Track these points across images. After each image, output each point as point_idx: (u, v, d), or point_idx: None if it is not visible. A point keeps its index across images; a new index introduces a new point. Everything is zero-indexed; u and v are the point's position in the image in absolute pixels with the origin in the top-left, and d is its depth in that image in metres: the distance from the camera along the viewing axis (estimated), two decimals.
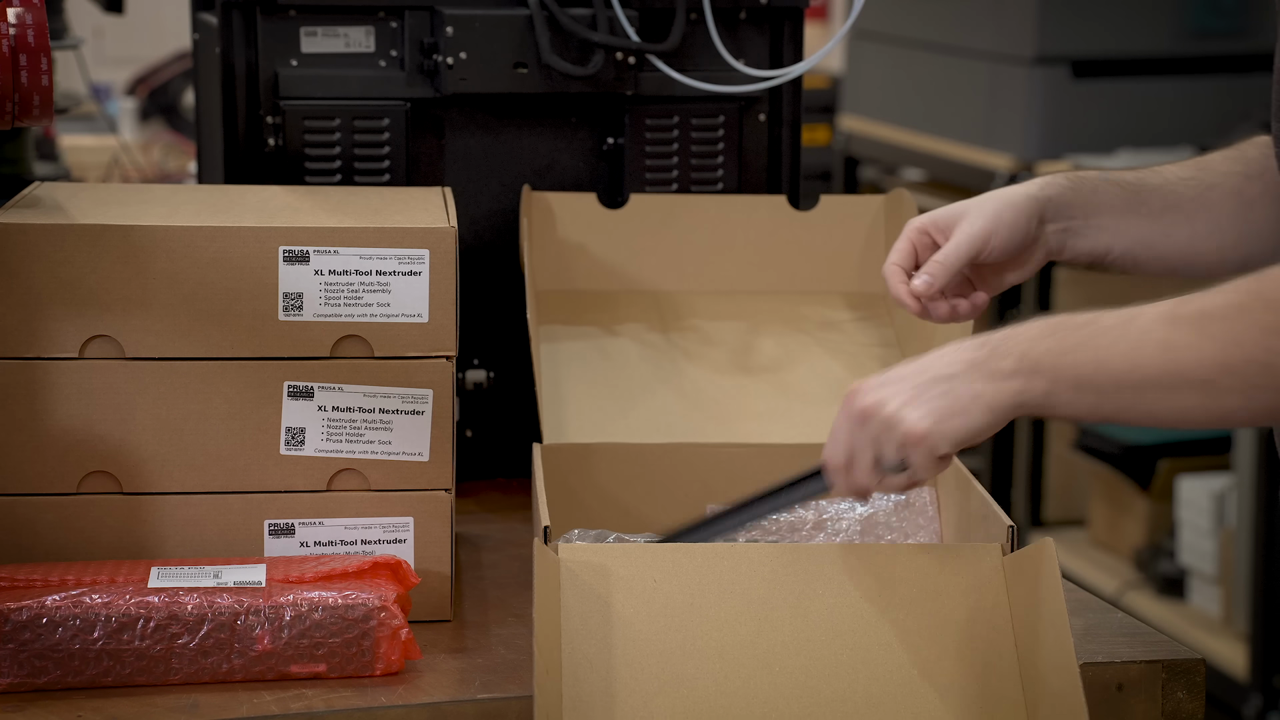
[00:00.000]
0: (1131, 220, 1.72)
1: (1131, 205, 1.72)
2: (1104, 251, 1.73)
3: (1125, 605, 3.81)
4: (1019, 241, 1.69)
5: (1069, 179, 1.72)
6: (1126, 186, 1.73)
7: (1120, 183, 1.73)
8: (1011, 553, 1.57)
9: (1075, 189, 1.71)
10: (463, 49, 2.00)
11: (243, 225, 1.64)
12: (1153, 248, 1.74)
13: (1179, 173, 1.74)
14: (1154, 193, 1.73)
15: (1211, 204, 1.73)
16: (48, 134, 3.42)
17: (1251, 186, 1.73)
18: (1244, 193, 1.73)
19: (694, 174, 2.10)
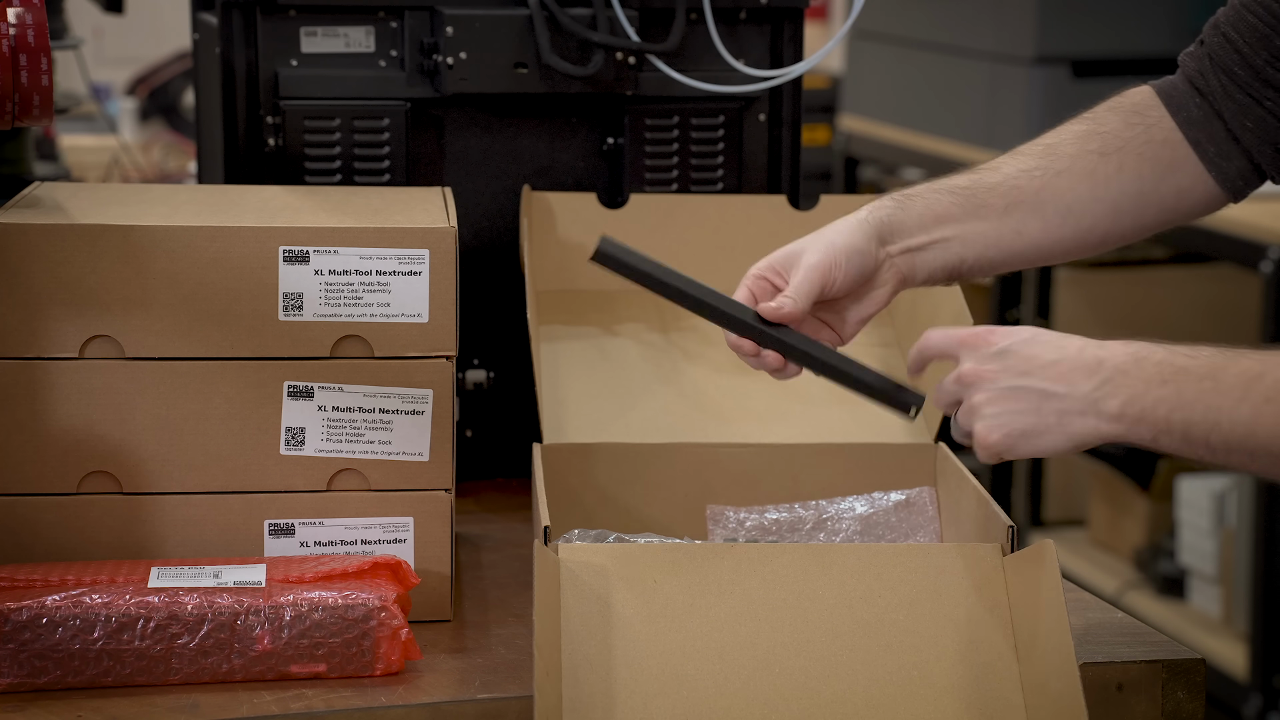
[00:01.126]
0: (976, 225, 1.69)
1: (971, 210, 1.69)
2: (957, 263, 1.69)
3: (1125, 605, 3.81)
4: (861, 266, 1.65)
5: (895, 199, 1.69)
6: (961, 192, 1.70)
7: (954, 190, 1.70)
8: (1011, 553, 1.57)
9: (904, 207, 1.68)
10: (463, 49, 2.00)
11: (243, 225, 1.64)
12: (1006, 248, 1.71)
13: (1020, 164, 1.72)
14: (992, 192, 1.70)
15: (1060, 191, 1.70)
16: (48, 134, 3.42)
17: (1105, 164, 1.70)
18: (1096, 173, 1.70)
19: (694, 174, 2.10)
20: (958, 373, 1.50)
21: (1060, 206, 1.70)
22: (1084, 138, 1.72)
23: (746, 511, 1.82)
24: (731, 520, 1.82)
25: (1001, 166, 1.72)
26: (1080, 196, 1.70)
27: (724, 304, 1.64)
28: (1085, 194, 1.71)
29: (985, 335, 1.50)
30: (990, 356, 1.49)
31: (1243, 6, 1.69)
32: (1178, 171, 1.71)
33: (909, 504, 1.81)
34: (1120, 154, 1.71)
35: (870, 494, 1.83)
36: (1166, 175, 1.71)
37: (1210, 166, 1.70)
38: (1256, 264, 3.60)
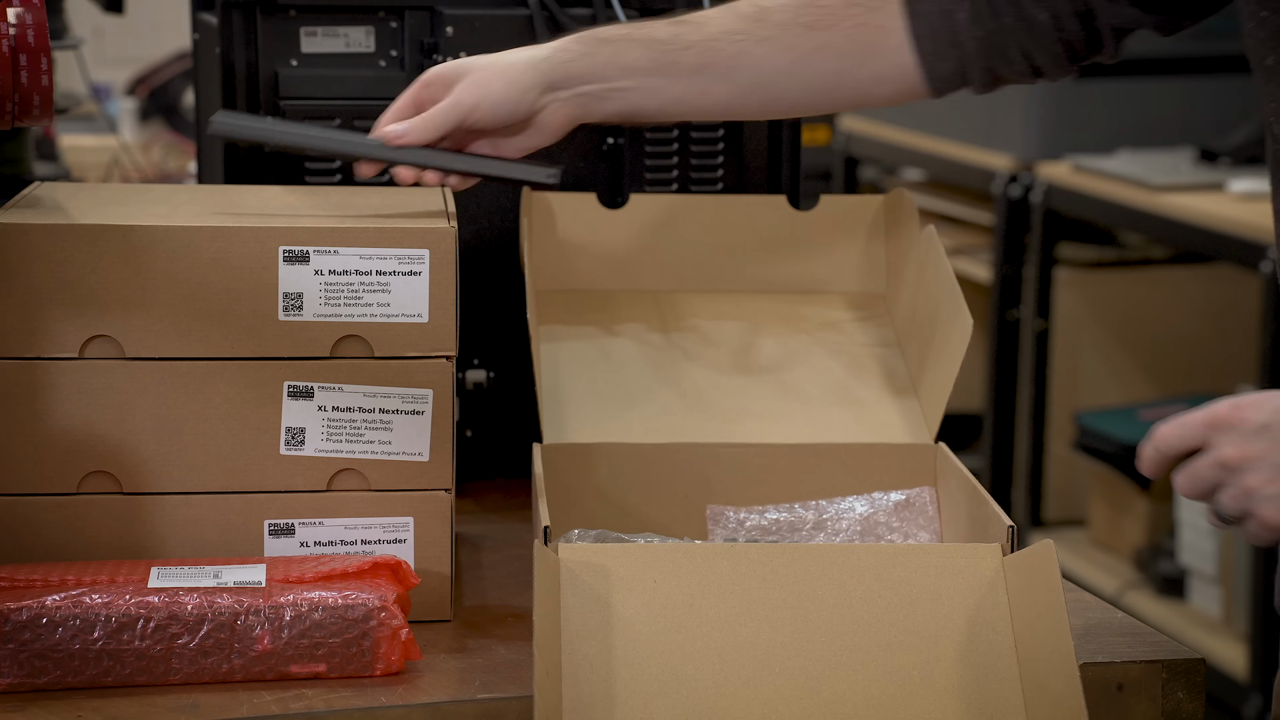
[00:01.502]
0: (661, 81, 1.69)
1: (661, 66, 1.69)
2: (633, 112, 1.71)
3: (1125, 605, 3.81)
4: (510, 112, 1.67)
5: (586, 43, 1.69)
6: (656, 46, 1.69)
7: (649, 42, 1.69)
8: (1011, 553, 1.57)
9: (591, 54, 1.68)
10: (463, 49, 2.00)
11: (243, 225, 1.64)
12: (689, 105, 1.71)
13: (726, 25, 1.70)
14: (687, 50, 1.69)
15: (758, 60, 1.70)
16: (48, 134, 3.42)
17: (809, 39, 1.70)
18: (797, 47, 1.70)
19: (694, 174, 2.10)
20: (1218, 458, 1.40)
21: (753, 76, 1.70)
22: (800, 8, 1.71)
23: (746, 511, 1.82)
24: (731, 520, 1.82)
25: (707, 24, 1.71)
26: (776, 68, 1.70)
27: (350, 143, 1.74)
28: (782, 67, 1.70)
29: (1233, 414, 1.41)
30: (1253, 435, 1.39)
31: None
32: (882, 59, 1.71)
33: (909, 504, 1.81)
34: (829, 32, 1.70)
35: (870, 494, 1.83)
36: (870, 60, 1.71)
37: (923, 62, 1.71)
38: (1256, 264, 3.60)
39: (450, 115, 1.69)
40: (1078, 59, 1.73)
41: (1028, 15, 1.68)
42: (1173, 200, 3.91)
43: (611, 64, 1.69)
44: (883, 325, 2.02)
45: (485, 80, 1.68)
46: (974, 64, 1.70)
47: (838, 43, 1.70)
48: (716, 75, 1.70)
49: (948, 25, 1.70)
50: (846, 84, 1.72)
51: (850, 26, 1.70)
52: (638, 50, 1.69)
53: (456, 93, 1.69)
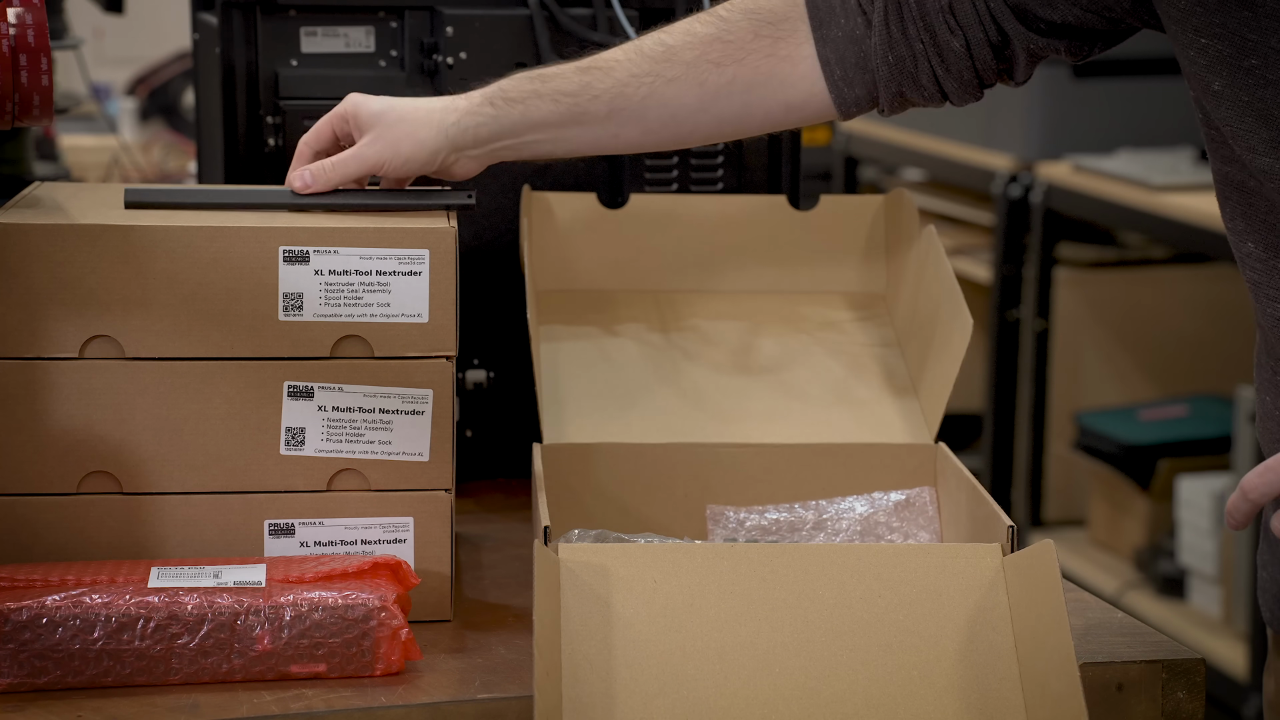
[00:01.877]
0: (574, 131, 1.72)
1: (572, 118, 1.72)
2: (545, 157, 1.77)
3: (1125, 605, 3.81)
4: (418, 170, 1.72)
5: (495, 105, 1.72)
6: (565, 101, 1.71)
7: (557, 95, 1.71)
8: (1011, 553, 1.57)
9: (499, 117, 1.71)
10: (463, 49, 2.00)
11: (243, 225, 1.64)
12: (600, 147, 1.74)
13: (634, 68, 1.72)
14: (598, 99, 1.71)
15: (666, 100, 1.72)
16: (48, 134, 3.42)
17: (718, 75, 1.71)
18: (707, 83, 1.71)
19: (694, 174, 2.10)
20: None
21: (663, 115, 1.72)
22: (707, 44, 1.72)
23: (746, 511, 1.82)
24: (731, 520, 1.82)
25: (615, 70, 1.72)
26: (686, 106, 1.72)
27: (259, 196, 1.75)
28: (692, 103, 1.72)
29: None
30: None
31: None
32: (791, 87, 1.72)
33: (909, 504, 1.81)
34: (738, 66, 1.71)
35: (870, 494, 1.83)
36: (780, 89, 1.72)
37: (832, 88, 1.71)
38: None
39: (357, 168, 1.72)
40: (986, 85, 1.74)
41: (941, 42, 1.69)
42: (1173, 200, 3.91)
43: (522, 122, 1.72)
44: (883, 325, 2.02)
45: (394, 139, 1.72)
46: (884, 88, 1.71)
47: (746, 75, 1.71)
48: (627, 118, 1.72)
49: (857, 51, 1.71)
50: (756, 114, 1.74)
51: (758, 59, 1.71)
52: (547, 105, 1.72)
53: (364, 147, 1.73)
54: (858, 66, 1.71)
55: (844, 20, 1.70)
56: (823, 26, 1.71)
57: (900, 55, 1.69)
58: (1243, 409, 3.79)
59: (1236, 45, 1.54)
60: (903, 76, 1.70)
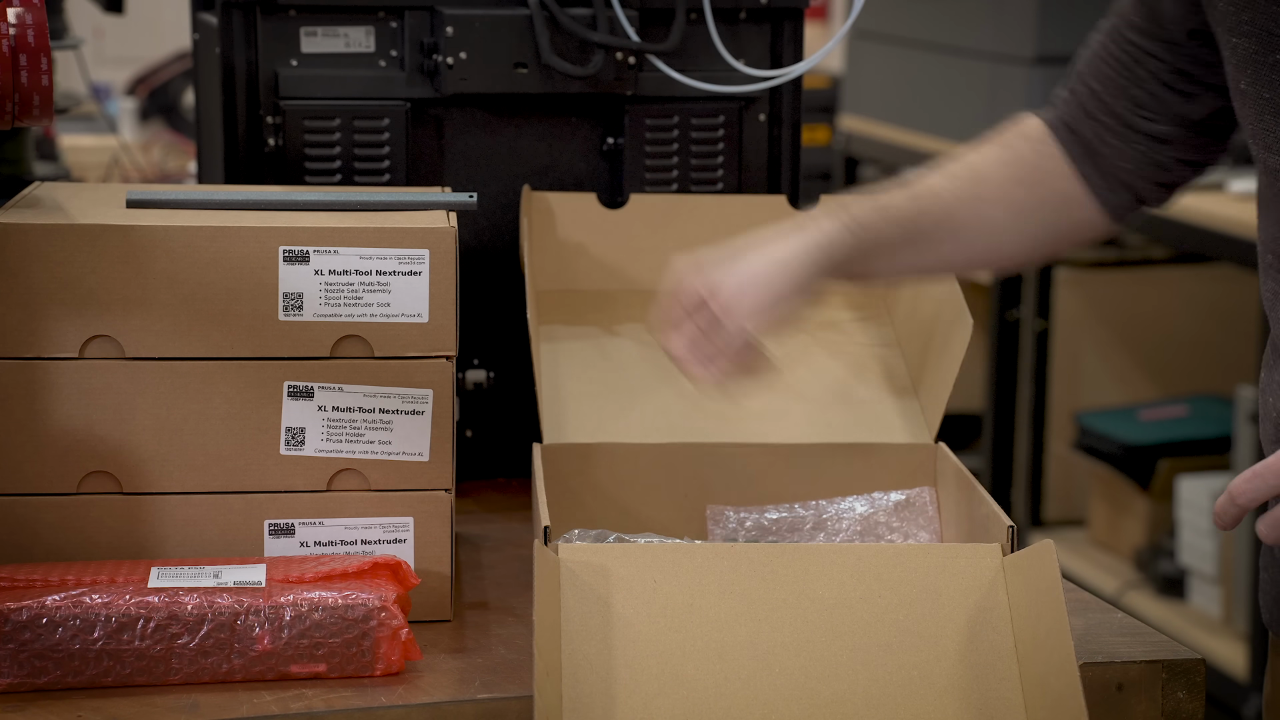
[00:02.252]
0: (906, 252, 1.76)
1: (908, 240, 1.75)
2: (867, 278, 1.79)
3: (1125, 605, 3.81)
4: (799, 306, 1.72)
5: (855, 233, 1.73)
6: (906, 225, 1.75)
7: (901, 221, 1.75)
8: (1011, 553, 1.57)
9: (859, 245, 1.73)
10: (463, 49, 2.00)
11: (243, 225, 1.64)
12: (923, 268, 1.79)
13: (958, 191, 1.76)
14: (926, 215, 1.75)
15: (986, 220, 1.77)
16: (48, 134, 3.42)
17: (1025, 195, 1.77)
18: (1015, 203, 1.77)
19: (694, 174, 2.10)
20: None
21: (983, 234, 1.77)
22: (1007, 164, 1.78)
23: (746, 511, 1.82)
24: (731, 520, 1.82)
25: (942, 194, 1.77)
26: (1002, 225, 1.77)
27: (259, 196, 1.74)
28: (1006, 223, 1.78)
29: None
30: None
31: (1099, 59, 1.75)
32: (1077, 205, 1.78)
33: (909, 504, 1.81)
34: (1036, 187, 1.77)
35: (870, 494, 1.83)
36: (1069, 208, 1.78)
37: (1101, 201, 1.77)
38: (1257, 264, 3.60)
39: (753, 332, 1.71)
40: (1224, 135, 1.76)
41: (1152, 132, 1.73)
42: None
43: (873, 248, 1.74)
44: (883, 325, 2.02)
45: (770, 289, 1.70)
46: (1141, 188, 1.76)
47: (1042, 195, 1.77)
48: (953, 239, 1.77)
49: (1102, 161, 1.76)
50: (1055, 233, 1.79)
51: (1050, 179, 1.77)
52: (893, 231, 1.75)
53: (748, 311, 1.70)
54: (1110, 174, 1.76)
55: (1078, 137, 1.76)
56: (1067, 145, 1.77)
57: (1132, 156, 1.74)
58: (1243, 409, 3.79)
59: (1263, 41, 1.57)
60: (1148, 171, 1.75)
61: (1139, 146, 1.73)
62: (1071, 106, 1.77)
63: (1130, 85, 1.73)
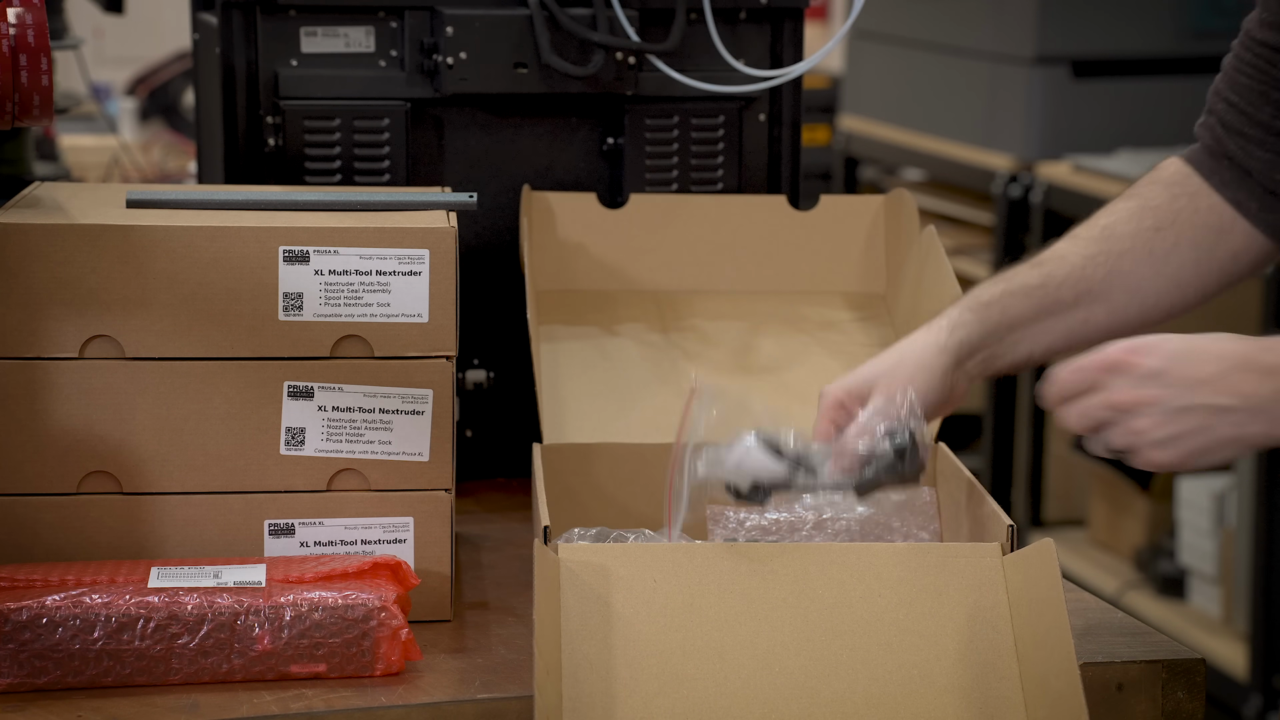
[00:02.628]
0: (1047, 323, 1.72)
1: (1043, 309, 1.71)
2: (1025, 360, 1.73)
3: (1125, 605, 3.81)
4: (938, 398, 1.68)
5: (974, 310, 1.70)
6: (1034, 293, 1.71)
7: (1028, 292, 1.71)
8: (1011, 553, 1.57)
9: (983, 321, 1.70)
10: (463, 49, 2.00)
11: (243, 225, 1.64)
12: (1075, 338, 1.73)
13: (1084, 250, 1.73)
14: (1062, 286, 1.71)
15: (1124, 274, 1.72)
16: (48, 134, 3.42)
17: (1162, 240, 1.73)
18: (1155, 250, 1.73)
19: (694, 174, 2.10)
20: (1109, 399, 1.47)
21: (1126, 289, 1.72)
22: (1138, 214, 1.74)
23: (746, 511, 1.82)
24: (731, 520, 1.82)
25: (1068, 256, 1.73)
26: (1144, 275, 1.73)
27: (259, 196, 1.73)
28: (1148, 272, 1.73)
29: (1127, 358, 1.47)
30: (1145, 379, 1.46)
31: (1234, 70, 1.74)
32: (1229, 234, 1.74)
33: (909, 504, 1.81)
34: (1174, 227, 1.73)
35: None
36: (1220, 240, 1.73)
37: (1257, 223, 1.73)
38: None
39: None
40: None
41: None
42: None
43: (1003, 324, 1.71)
44: (883, 325, 2.01)
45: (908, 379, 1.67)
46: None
47: (1187, 235, 1.73)
48: (1094, 301, 1.72)
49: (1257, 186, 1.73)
50: (1211, 269, 1.74)
51: (1188, 215, 1.73)
52: (1021, 303, 1.71)
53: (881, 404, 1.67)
54: (1263, 193, 1.73)
55: (1228, 166, 1.73)
56: (1213, 175, 1.74)
57: None
58: None
59: None
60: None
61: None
62: (1213, 129, 1.75)
63: (1270, 89, 1.70)
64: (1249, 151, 1.72)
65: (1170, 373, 1.46)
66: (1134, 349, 1.47)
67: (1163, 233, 1.73)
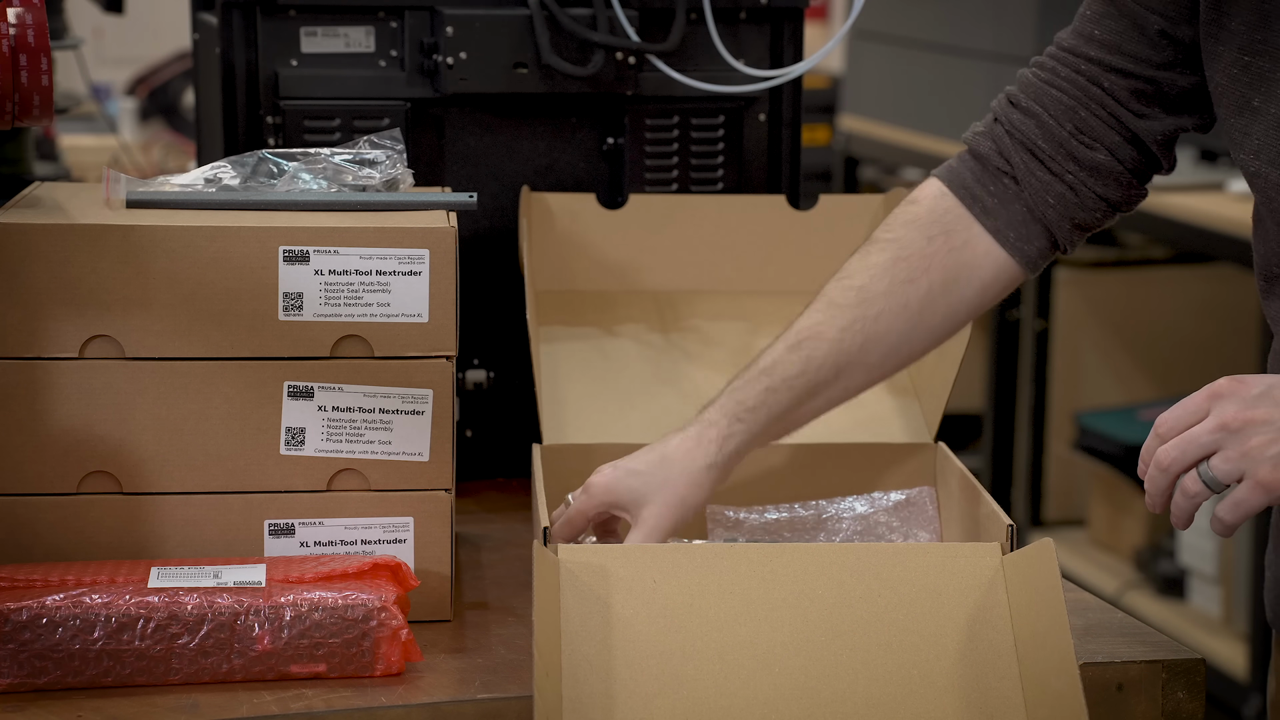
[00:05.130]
0: (809, 405, 1.74)
1: (806, 394, 1.73)
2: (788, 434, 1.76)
3: (1125, 605, 3.81)
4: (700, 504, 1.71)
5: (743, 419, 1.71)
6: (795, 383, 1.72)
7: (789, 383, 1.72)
8: (1011, 553, 1.57)
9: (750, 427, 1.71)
10: (463, 49, 2.00)
11: (243, 225, 1.64)
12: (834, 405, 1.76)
13: (841, 321, 1.73)
14: (822, 367, 1.73)
15: (880, 336, 1.74)
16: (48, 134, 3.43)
17: (915, 290, 1.74)
18: (910, 304, 1.74)
19: (694, 174, 2.10)
20: (1219, 421, 1.44)
21: (882, 350, 1.75)
22: (892, 267, 1.75)
23: (746, 511, 1.82)
24: (731, 520, 1.82)
25: (825, 332, 1.74)
26: (899, 331, 1.75)
27: (259, 196, 1.72)
28: (903, 327, 1.75)
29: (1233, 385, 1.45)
30: (1254, 400, 1.43)
31: (1043, 82, 1.75)
32: (981, 267, 1.75)
33: (909, 504, 1.81)
34: (927, 274, 1.74)
35: (870, 494, 1.83)
36: (972, 275, 1.75)
37: (1013, 252, 1.75)
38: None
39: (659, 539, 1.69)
40: (1144, 180, 1.76)
41: (1086, 162, 1.72)
42: (1173, 200, 3.91)
43: (770, 422, 1.73)
44: None
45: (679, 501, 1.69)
46: (1058, 229, 1.74)
47: (939, 279, 1.74)
48: (853, 370, 1.74)
49: (1021, 210, 1.74)
50: (960, 308, 1.76)
51: (942, 258, 1.74)
52: (785, 398, 1.73)
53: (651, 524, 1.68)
54: (1026, 222, 1.74)
55: (994, 189, 1.74)
56: (975, 202, 1.75)
57: (1059, 192, 1.73)
58: None
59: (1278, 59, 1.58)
60: (1070, 209, 1.74)
61: (1069, 178, 1.72)
62: (995, 138, 1.75)
63: (1080, 106, 1.71)
64: (1030, 169, 1.73)
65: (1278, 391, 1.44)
66: (1239, 378, 1.45)
67: (915, 283, 1.74)
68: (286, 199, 1.72)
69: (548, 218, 2.04)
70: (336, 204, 1.71)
